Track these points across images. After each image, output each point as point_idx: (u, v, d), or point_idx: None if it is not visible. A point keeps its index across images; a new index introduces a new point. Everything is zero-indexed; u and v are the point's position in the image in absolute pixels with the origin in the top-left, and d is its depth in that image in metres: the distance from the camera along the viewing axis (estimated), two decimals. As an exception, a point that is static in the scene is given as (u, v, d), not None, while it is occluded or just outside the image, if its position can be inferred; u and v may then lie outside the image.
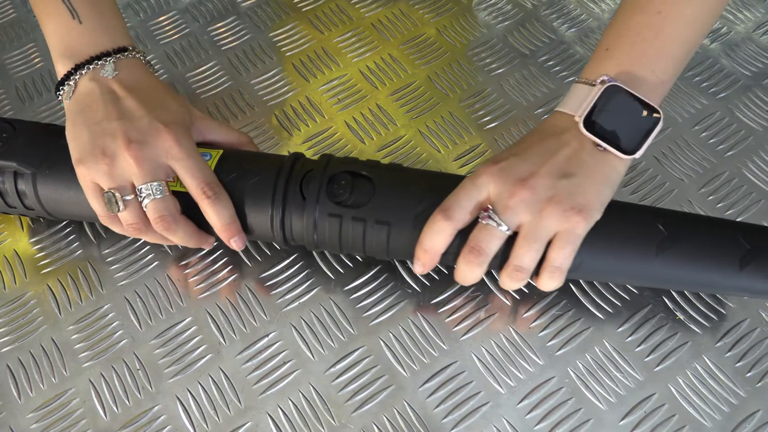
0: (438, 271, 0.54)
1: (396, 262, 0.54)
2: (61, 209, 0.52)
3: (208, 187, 0.48)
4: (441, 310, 0.52)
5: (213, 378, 0.49)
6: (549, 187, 0.44)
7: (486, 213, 0.44)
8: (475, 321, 0.51)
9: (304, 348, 0.51)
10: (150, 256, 0.55)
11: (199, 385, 0.49)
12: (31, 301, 0.53)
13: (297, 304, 0.53)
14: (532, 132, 0.48)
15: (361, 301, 0.53)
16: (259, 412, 0.48)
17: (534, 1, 0.72)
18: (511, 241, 0.45)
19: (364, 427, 0.47)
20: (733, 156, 0.60)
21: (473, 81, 0.66)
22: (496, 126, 0.63)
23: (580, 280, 0.53)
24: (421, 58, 0.68)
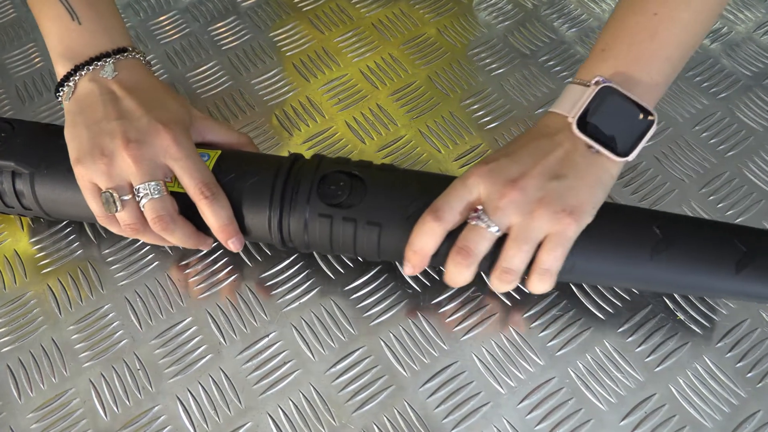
0: (438, 272, 0.54)
1: (396, 262, 0.54)
2: (59, 209, 0.52)
3: (206, 187, 0.47)
4: (441, 310, 0.52)
5: (213, 378, 0.49)
6: (540, 189, 0.43)
7: (476, 214, 0.44)
8: (476, 321, 0.51)
9: (305, 348, 0.51)
10: (150, 256, 0.55)
11: (200, 386, 0.49)
12: (32, 301, 0.53)
13: (297, 304, 0.53)
14: (524, 132, 0.48)
15: (362, 301, 0.53)
16: (260, 412, 0.48)
17: (534, 1, 0.72)
18: (501, 242, 0.44)
19: (365, 428, 0.47)
20: (734, 156, 0.60)
21: (474, 81, 0.66)
22: (496, 126, 0.62)
23: (580, 281, 0.53)
24: (422, 58, 0.68)
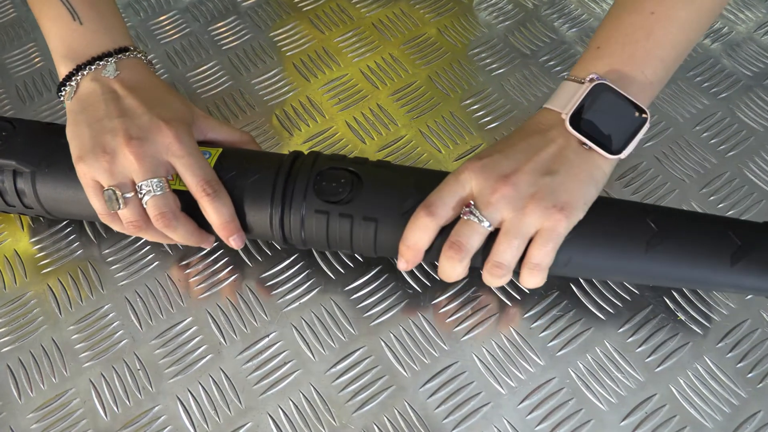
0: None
1: (393, 259, 0.54)
2: (60, 208, 0.52)
3: (207, 184, 0.47)
4: (442, 311, 0.52)
5: (213, 378, 0.49)
6: (531, 184, 0.44)
7: (468, 209, 0.44)
8: (476, 321, 0.51)
9: (305, 348, 0.51)
10: (151, 256, 0.55)
11: (200, 386, 0.49)
12: (32, 301, 0.53)
13: (298, 304, 0.53)
14: (518, 129, 0.48)
15: (362, 302, 0.53)
16: (260, 412, 0.48)
17: (535, 1, 0.72)
18: (493, 237, 0.45)
19: (365, 428, 0.47)
20: (735, 156, 0.60)
21: (474, 81, 0.66)
22: (497, 126, 0.62)
23: (580, 280, 0.53)
24: (422, 57, 0.68)
